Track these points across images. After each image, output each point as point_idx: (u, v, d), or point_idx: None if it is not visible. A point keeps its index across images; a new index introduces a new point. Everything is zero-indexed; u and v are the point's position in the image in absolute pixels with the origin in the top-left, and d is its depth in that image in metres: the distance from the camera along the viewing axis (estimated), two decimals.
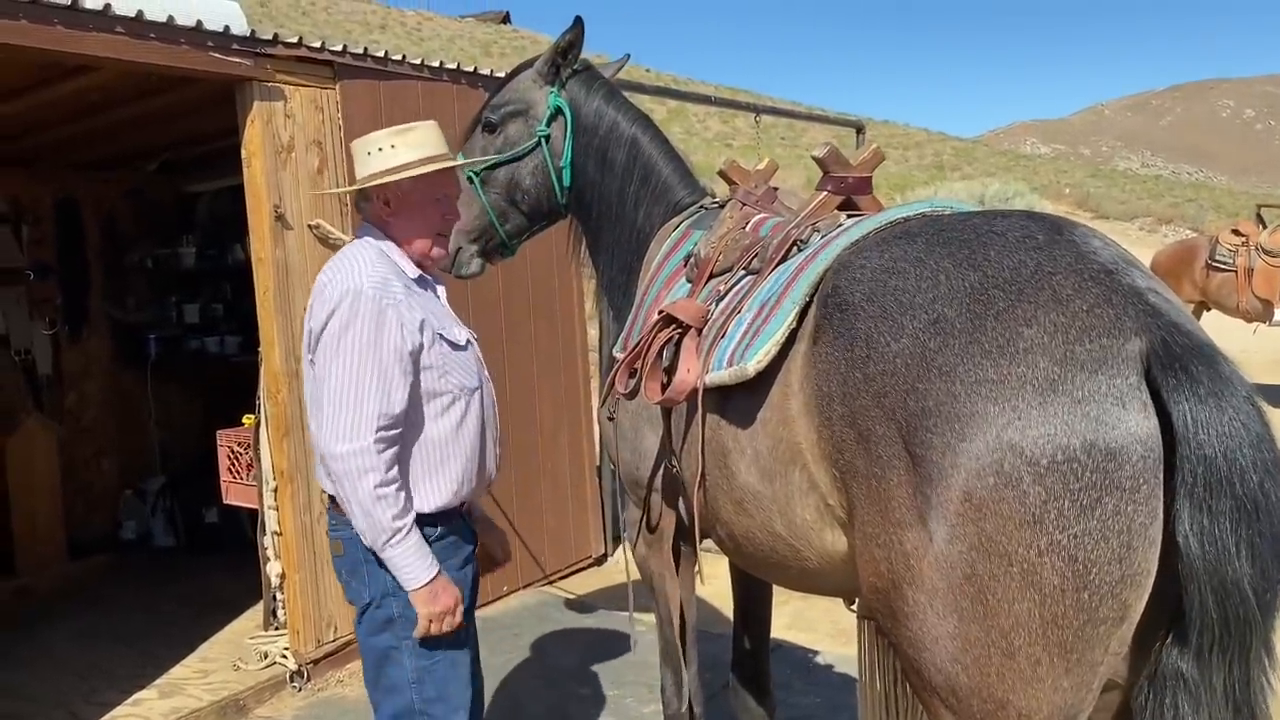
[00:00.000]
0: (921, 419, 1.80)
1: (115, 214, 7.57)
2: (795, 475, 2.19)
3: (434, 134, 2.78)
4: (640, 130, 3.21)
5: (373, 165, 2.70)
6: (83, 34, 3.95)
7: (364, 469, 2.46)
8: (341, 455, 2.46)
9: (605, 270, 3.34)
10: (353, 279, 2.54)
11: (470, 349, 2.78)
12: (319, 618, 4.89)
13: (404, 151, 2.69)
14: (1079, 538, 1.66)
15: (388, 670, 2.67)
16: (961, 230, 1.99)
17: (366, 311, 2.50)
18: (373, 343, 2.49)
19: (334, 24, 44.05)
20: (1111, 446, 1.66)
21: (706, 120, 42.17)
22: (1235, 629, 1.69)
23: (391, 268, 2.65)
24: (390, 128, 2.76)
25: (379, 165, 2.69)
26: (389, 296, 2.54)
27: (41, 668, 5.22)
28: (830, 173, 4.53)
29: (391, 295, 2.55)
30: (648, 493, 2.96)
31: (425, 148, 2.73)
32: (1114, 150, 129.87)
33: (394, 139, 2.71)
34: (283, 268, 4.70)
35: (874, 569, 1.94)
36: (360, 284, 2.52)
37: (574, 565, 6.39)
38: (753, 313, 2.37)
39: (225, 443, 5.38)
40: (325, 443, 2.50)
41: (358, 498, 2.47)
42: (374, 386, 2.48)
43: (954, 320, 1.82)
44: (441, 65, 5.51)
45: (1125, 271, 1.82)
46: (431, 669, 2.65)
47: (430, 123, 2.81)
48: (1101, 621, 1.71)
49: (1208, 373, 1.68)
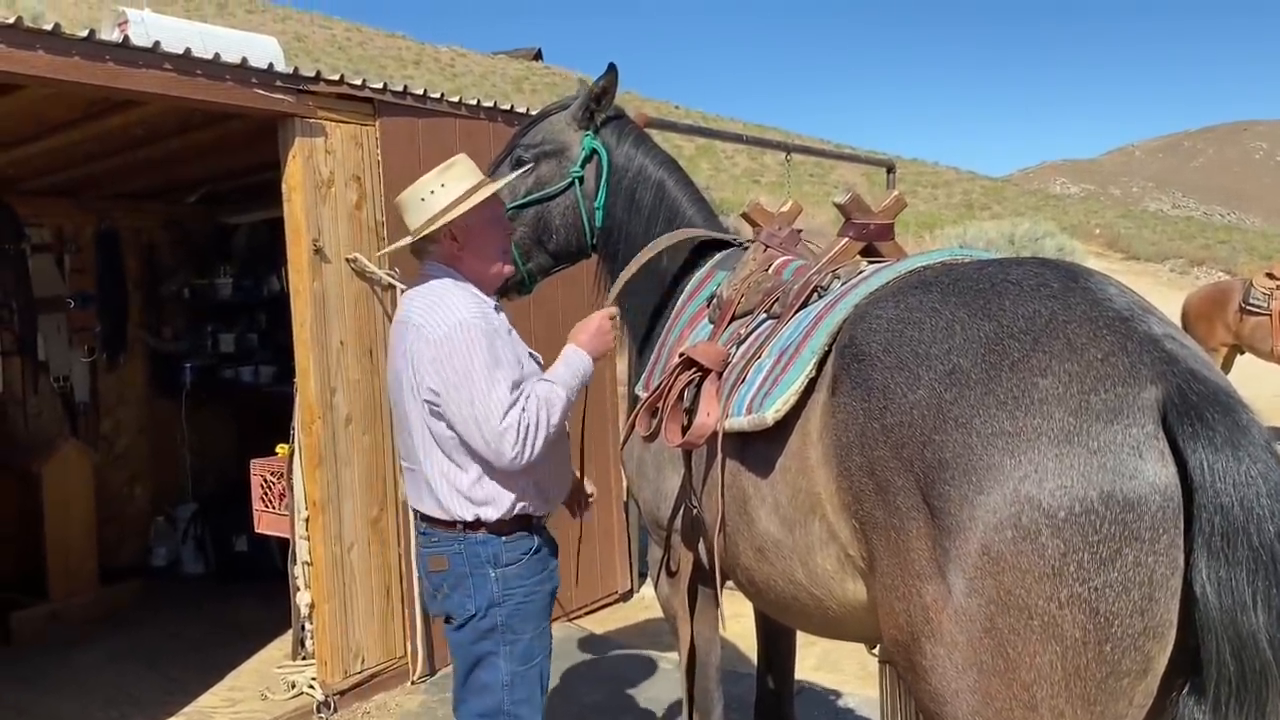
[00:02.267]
0: (939, 471, 1.79)
1: (154, 244, 7.71)
2: (815, 525, 2.19)
3: (471, 165, 2.92)
4: (667, 174, 3.26)
5: (431, 208, 2.81)
6: (133, 70, 4.06)
7: (529, 424, 2.67)
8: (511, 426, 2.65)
9: (629, 308, 3.37)
10: (457, 313, 2.71)
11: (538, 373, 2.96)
12: (347, 649, 4.91)
13: (455, 186, 2.82)
14: (1100, 590, 1.66)
15: (480, 674, 2.86)
16: (976, 279, 1.99)
17: (478, 337, 2.69)
18: (489, 361, 2.69)
19: (369, 59, 44.68)
20: (1130, 497, 1.65)
21: (735, 157, 42.37)
22: (1252, 682, 1.67)
23: (480, 301, 2.82)
24: (432, 171, 2.86)
25: (437, 206, 2.80)
26: (488, 324, 2.75)
27: (71, 692, 5.27)
28: (852, 219, 4.56)
29: (490, 324, 2.76)
30: (668, 533, 2.97)
31: (471, 177, 2.87)
32: (1145, 191, 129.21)
33: (441, 178, 2.83)
34: (320, 300, 4.77)
35: (894, 621, 1.94)
36: (465, 317, 2.70)
37: (600, 600, 6.39)
38: (772, 359, 2.39)
39: (258, 472, 5.43)
40: (491, 440, 2.66)
41: (552, 431, 2.73)
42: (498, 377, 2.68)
43: (969, 371, 1.82)
44: (479, 103, 5.59)
45: (1141, 318, 1.82)
46: (525, 674, 2.86)
47: (462, 156, 2.93)
48: (1125, 674, 1.70)
49: (1224, 421, 1.67)
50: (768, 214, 5.06)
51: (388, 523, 5.08)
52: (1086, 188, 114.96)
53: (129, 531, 7.53)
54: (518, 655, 2.84)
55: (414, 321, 2.75)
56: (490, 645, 2.83)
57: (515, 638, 2.83)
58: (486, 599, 2.80)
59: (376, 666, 5.03)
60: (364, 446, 4.97)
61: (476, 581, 2.80)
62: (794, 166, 7.55)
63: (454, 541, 2.82)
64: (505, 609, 2.81)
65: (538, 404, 2.71)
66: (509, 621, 2.81)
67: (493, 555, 2.81)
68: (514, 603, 2.83)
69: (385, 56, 48.07)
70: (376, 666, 5.03)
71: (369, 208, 4.99)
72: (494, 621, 2.81)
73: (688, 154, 36.46)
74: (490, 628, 2.81)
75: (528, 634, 2.86)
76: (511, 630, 2.82)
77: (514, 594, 2.83)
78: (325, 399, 4.79)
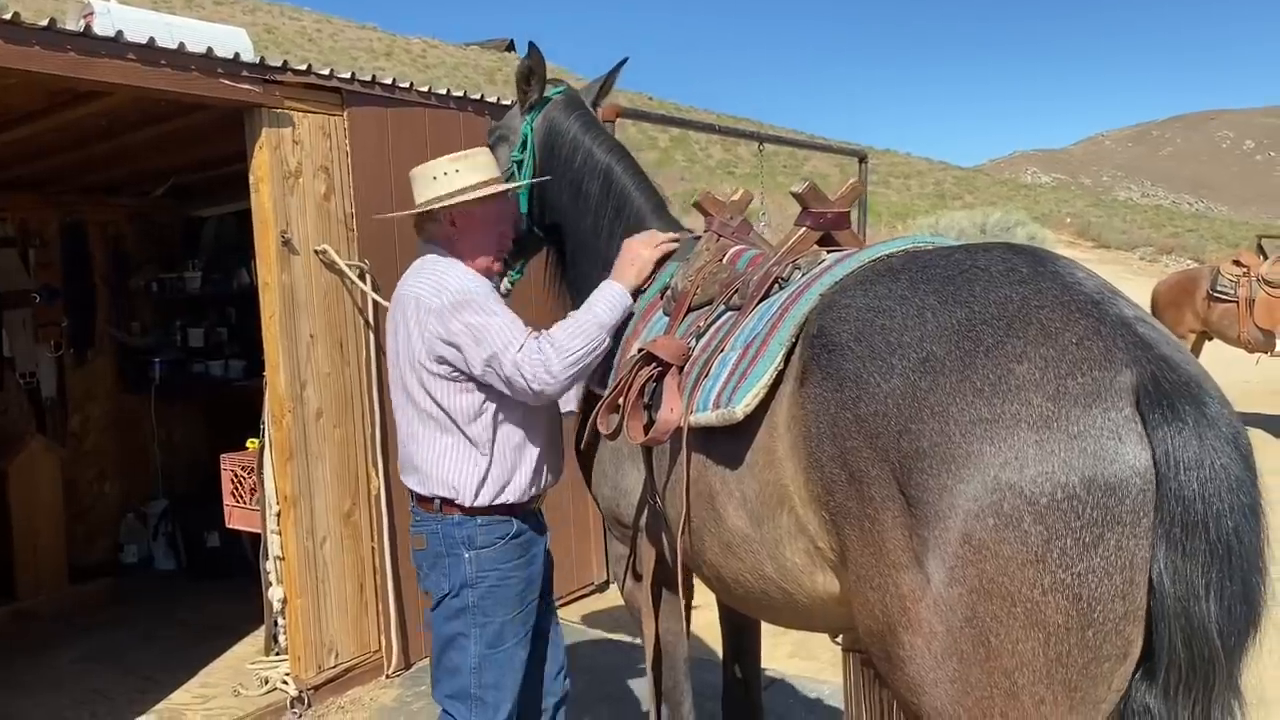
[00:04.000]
0: (916, 460, 1.78)
1: (121, 238, 7.60)
2: (783, 518, 2.16)
3: (490, 159, 2.99)
4: (614, 160, 3.18)
5: (440, 188, 2.87)
6: (95, 60, 3.99)
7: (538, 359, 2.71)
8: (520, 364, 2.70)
9: (578, 302, 3.34)
10: (461, 281, 2.81)
11: None
12: (320, 644, 4.87)
13: (468, 174, 2.89)
14: (1082, 575, 1.65)
15: (451, 654, 2.91)
16: (945, 266, 1.98)
17: (487, 294, 2.84)
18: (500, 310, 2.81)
19: (339, 50, 44.35)
20: (1111, 481, 1.65)
21: (709, 148, 42.35)
22: (1200, 669, 1.68)
23: (478, 277, 2.90)
24: (452, 154, 2.93)
25: (446, 188, 2.87)
26: (492, 291, 2.89)
27: (42, 692, 5.21)
28: (809, 208, 4.55)
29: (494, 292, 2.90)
30: (633, 531, 2.94)
31: (487, 171, 2.94)
32: (1114, 180, 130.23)
33: (458, 163, 2.90)
34: (289, 292, 4.72)
35: (868, 612, 1.92)
36: (470, 284, 2.80)
37: (575, 592, 6.37)
38: (737, 352, 2.34)
39: (229, 466, 5.39)
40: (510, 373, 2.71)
41: (573, 355, 2.76)
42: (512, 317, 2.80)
43: (944, 358, 1.81)
44: (448, 93, 5.55)
45: (1112, 301, 1.81)
46: (494, 658, 2.89)
47: (484, 149, 3.03)
48: (1106, 659, 1.70)
49: (1194, 413, 1.67)
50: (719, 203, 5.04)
51: (360, 517, 5.05)
52: (1057, 177, 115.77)
53: (98, 529, 7.44)
54: (487, 638, 2.87)
55: (414, 294, 2.82)
56: (461, 626, 2.87)
57: (486, 620, 2.86)
58: (460, 579, 2.85)
59: (350, 661, 5.00)
60: (335, 440, 4.93)
61: (451, 562, 2.86)
62: (767, 158, 7.54)
63: (432, 521, 2.89)
64: (478, 590, 2.85)
65: (557, 335, 2.78)
66: (481, 603, 2.85)
67: (467, 537, 2.85)
68: (487, 585, 2.86)
69: (356, 48, 47.73)
70: (350, 661, 5.00)
71: (337, 199, 4.94)
72: (466, 602, 2.85)
73: (662, 145, 36.39)
74: (462, 608, 2.86)
75: (499, 618, 2.88)
76: (483, 612, 2.86)
77: (488, 576, 2.86)
78: (295, 392, 4.74)
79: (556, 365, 2.71)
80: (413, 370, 2.82)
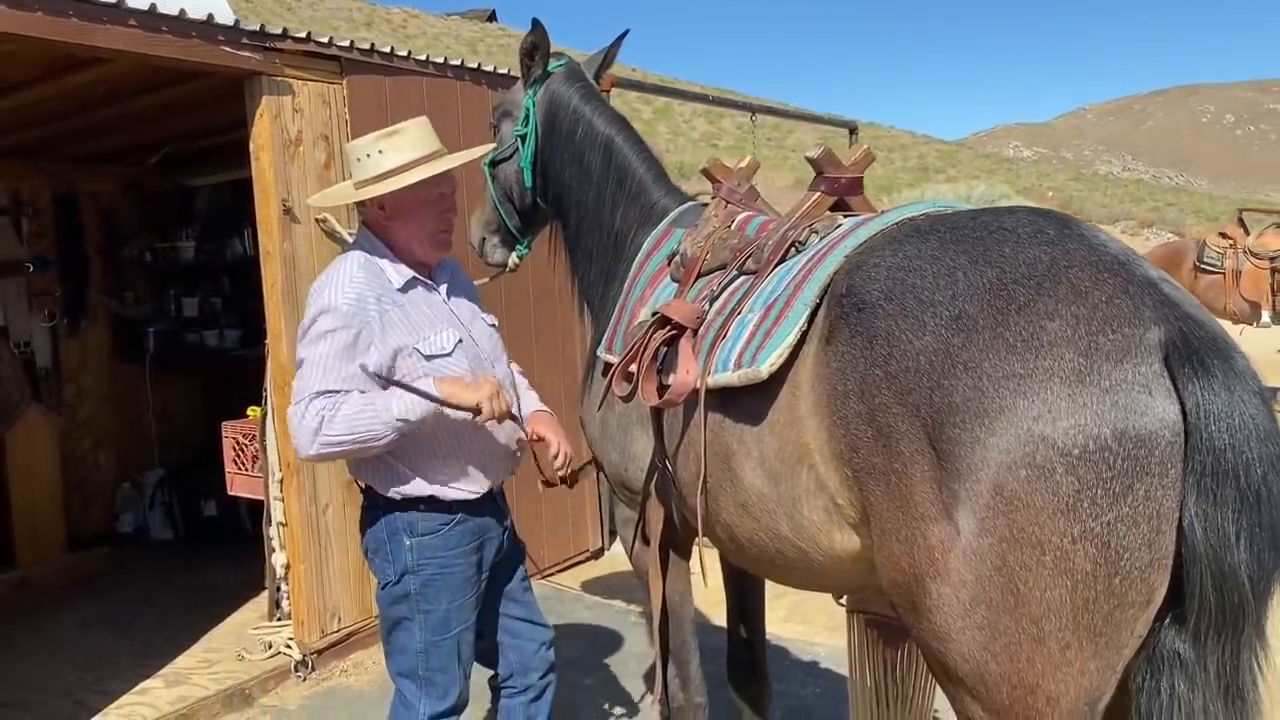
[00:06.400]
0: (948, 415, 1.82)
1: (115, 207, 7.58)
2: (803, 476, 2.20)
3: (423, 132, 2.81)
4: (615, 131, 3.21)
5: (363, 172, 2.75)
6: (96, 26, 3.98)
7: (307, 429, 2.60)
8: (291, 429, 2.65)
9: (584, 273, 3.36)
10: (333, 295, 2.65)
11: (459, 351, 2.83)
12: (323, 608, 4.93)
13: (391, 156, 2.73)
14: (1111, 524, 1.71)
15: (399, 635, 2.88)
16: (972, 227, 2.02)
17: (334, 325, 2.63)
18: (327, 351, 2.62)
19: (319, 20, 43.96)
20: (1141, 433, 1.71)
21: (693, 121, 42.28)
22: (1230, 613, 1.74)
23: (374, 282, 2.72)
24: (378, 131, 2.79)
25: (369, 171, 2.74)
26: (363, 314, 2.66)
27: (44, 658, 5.25)
28: (824, 173, 4.56)
29: (366, 314, 2.66)
30: (642, 495, 2.96)
31: (415, 148, 2.77)
32: (1096, 154, 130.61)
33: (381, 143, 2.75)
34: (290, 261, 4.74)
35: (894, 564, 1.97)
36: (337, 301, 2.64)
37: (572, 559, 6.45)
38: (758, 314, 2.37)
39: (230, 434, 5.41)
40: (288, 418, 2.67)
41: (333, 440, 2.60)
42: (318, 370, 2.62)
43: (976, 316, 1.85)
44: (446, 62, 5.56)
45: (1136, 263, 1.87)
46: (440, 644, 2.85)
47: (420, 121, 2.84)
48: (1130, 605, 1.76)
49: (1222, 366, 1.73)
50: (727, 169, 5.07)
51: None
52: (1040, 151, 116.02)
53: (93, 499, 7.46)
54: (432, 625, 2.83)
55: (313, 286, 2.75)
56: (405, 610, 2.84)
57: (430, 607, 2.81)
58: (401, 566, 2.80)
59: (353, 625, 5.06)
60: None
61: (393, 548, 2.81)
62: (753, 130, 7.58)
63: (374, 508, 2.85)
64: (420, 578, 2.80)
65: (332, 412, 2.59)
66: (423, 590, 2.80)
67: (408, 524, 2.80)
68: (428, 573, 2.80)
69: (336, 17, 47.34)
70: (353, 625, 5.06)
71: (337, 167, 4.94)
72: (407, 589, 2.81)
73: (645, 117, 36.31)
74: (404, 594, 2.82)
75: (443, 605, 2.82)
76: (426, 599, 2.81)
77: (429, 564, 2.80)
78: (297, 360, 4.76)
79: (308, 445, 2.62)
80: None
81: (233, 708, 4.64)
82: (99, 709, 4.59)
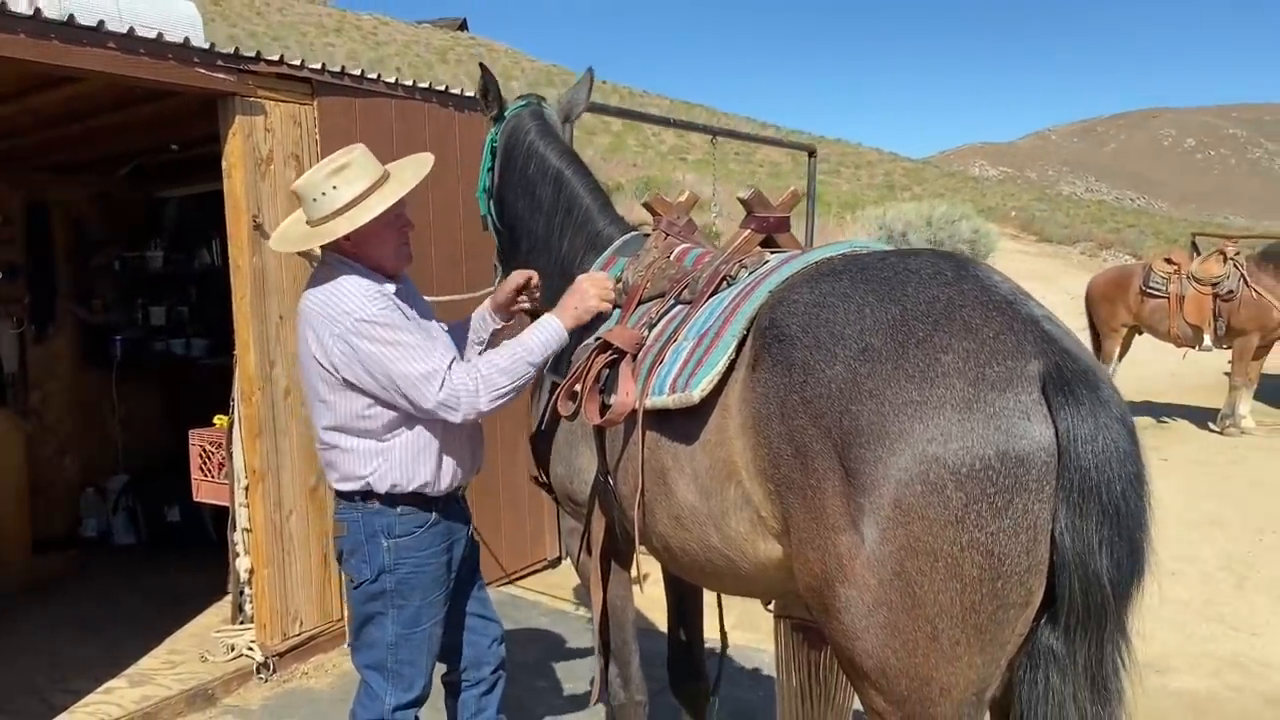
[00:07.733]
0: (855, 436, 2.06)
1: (84, 217, 7.66)
2: (731, 491, 2.42)
3: (367, 161, 2.92)
4: (565, 165, 3.43)
5: (320, 209, 2.88)
6: (77, 49, 4.12)
7: (469, 390, 2.83)
8: (446, 400, 2.81)
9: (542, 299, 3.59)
10: (366, 307, 2.82)
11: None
12: (286, 612, 5.08)
13: (345, 190, 2.86)
14: (995, 534, 1.96)
15: (370, 629, 3.07)
16: (881, 268, 2.27)
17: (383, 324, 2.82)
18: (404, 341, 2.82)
19: (288, 25, 43.83)
20: (1020, 454, 1.96)
21: (662, 134, 42.55)
22: (1094, 613, 2.01)
23: (375, 289, 2.90)
24: (324, 167, 2.90)
25: (327, 208, 2.86)
26: (391, 311, 2.85)
27: (9, 657, 5.34)
28: (754, 213, 4.93)
29: (392, 310, 2.86)
30: (586, 507, 3.16)
31: (365, 178, 2.89)
32: (1059, 174, 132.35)
33: (334, 179, 2.86)
34: (260, 275, 4.90)
35: (809, 570, 2.20)
36: (372, 311, 2.82)
37: (530, 566, 6.63)
38: (691, 342, 2.60)
39: (197, 441, 5.55)
40: (435, 403, 2.82)
41: (501, 391, 2.88)
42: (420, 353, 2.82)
43: (880, 349, 2.10)
44: (414, 84, 5.74)
45: (1023, 303, 2.13)
46: (410, 637, 3.06)
47: (358, 149, 2.94)
48: (1011, 606, 2.01)
49: (1090, 396, 1.98)
50: (666, 204, 5.46)
51: (324, 491, 5.23)
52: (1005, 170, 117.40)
53: (57, 504, 7.51)
54: (404, 619, 3.04)
55: (317, 309, 2.87)
56: (380, 607, 3.03)
57: (403, 603, 3.03)
58: (379, 566, 3.00)
59: (314, 629, 5.21)
60: (302, 418, 5.10)
61: (371, 549, 3.00)
62: (719, 147, 7.81)
63: (353, 510, 3.02)
64: (396, 576, 3.00)
65: (488, 370, 2.86)
66: (399, 588, 3.01)
67: (386, 526, 3.00)
68: (404, 571, 3.01)
69: (305, 23, 47.19)
70: (314, 629, 5.21)
71: None
72: (384, 587, 3.01)
73: (615, 130, 36.55)
74: (380, 592, 3.02)
75: (416, 601, 3.04)
76: (400, 596, 3.02)
77: (404, 564, 3.01)
78: (265, 371, 4.93)
79: (484, 401, 2.85)
80: (320, 379, 2.92)
81: (195, 708, 4.78)
82: (65, 707, 4.71)
